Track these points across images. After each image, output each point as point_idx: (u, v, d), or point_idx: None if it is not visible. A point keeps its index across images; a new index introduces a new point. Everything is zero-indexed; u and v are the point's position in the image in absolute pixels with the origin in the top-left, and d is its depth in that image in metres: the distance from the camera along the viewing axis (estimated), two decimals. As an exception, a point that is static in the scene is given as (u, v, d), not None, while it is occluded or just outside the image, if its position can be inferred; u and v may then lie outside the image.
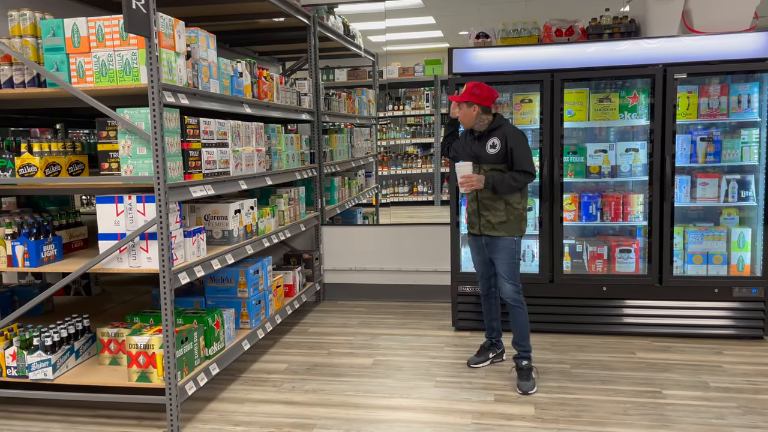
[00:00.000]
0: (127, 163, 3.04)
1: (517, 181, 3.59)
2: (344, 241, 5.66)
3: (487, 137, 3.69)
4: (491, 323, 4.04)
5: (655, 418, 3.21)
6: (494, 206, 3.68)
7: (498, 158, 3.65)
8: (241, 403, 3.52)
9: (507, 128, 3.69)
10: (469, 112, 3.67)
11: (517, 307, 3.69)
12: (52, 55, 3.08)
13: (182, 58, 3.19)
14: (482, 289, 3.98)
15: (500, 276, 3.72)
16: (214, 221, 3.75)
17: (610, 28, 4.57)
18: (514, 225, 3.68)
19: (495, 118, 3.71)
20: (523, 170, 3.60)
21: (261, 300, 4.14)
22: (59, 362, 3.25)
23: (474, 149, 3.75)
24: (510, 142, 3.62)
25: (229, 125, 3.68)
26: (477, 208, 3.77)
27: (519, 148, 3.61)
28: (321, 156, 5.52)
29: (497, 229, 3.68)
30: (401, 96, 8.31)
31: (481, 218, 3.74)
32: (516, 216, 3.68)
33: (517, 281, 3.70)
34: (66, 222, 3.53)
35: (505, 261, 3.69)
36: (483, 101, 3.65)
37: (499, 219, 3.67)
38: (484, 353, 4.03)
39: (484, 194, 3.69)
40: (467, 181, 3.60)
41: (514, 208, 3.68)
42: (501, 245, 3.69)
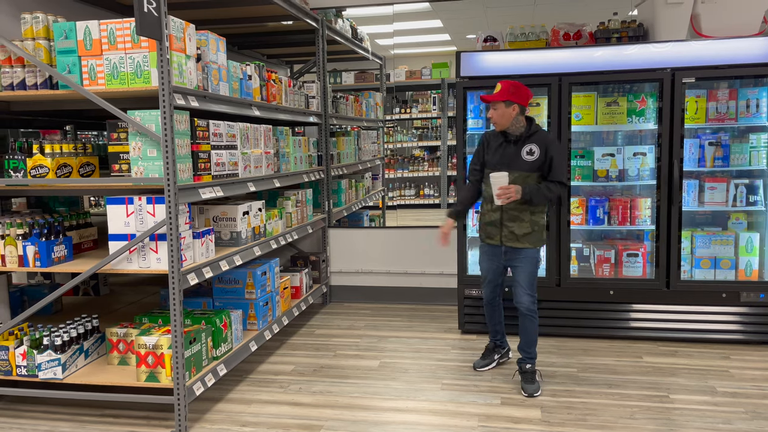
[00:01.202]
0: (137, 164, 3.07)
1: (552, 192, 3.49)
2: (351, 244, 5.67)
3: (524, 143, 3.54)
4: (495, 327, 3.99)
5: (662, 422, 3.20)
6: (520, 217, 3.56)
7: (533, 166, 3.52)
8: (248, 404, 3.54)
9: (546, 135, 3.59)
10: (508, 112, 3.51)
11: (530, 316, 3.61)
12: (64, 58, 3.12)
13: (192, 61, 3.22)
14: (486, 295, 3.88)
15: (518, 285, 3.62)
16: (223, 223, 3.78)
17: (618, 32, 4.58)
18: (538, 236, 3.61)
19: (530, 122, 3.59)
20: (558, 181, 3.51)
21: (268, 301, 4.16)
22: (69, 362, 3.27)
23: (507, 155, 3.58)
24: (551, 150, 3.50)
25: (238, 127, 3.71)
26: (500, 218, 3.62)
27: (558, 158, 3.52)
28: (328, 158, 5.54)
29: (521, 241, 3.57)
30: (408, 99, 8.32)
31: (503, 229, 3.61)
32: (539, 227, 3.61)
33: (534, 292, 3.62)
34: (76, 223, 3.56)
35: (525, 270, 3.60)
36: (522, 101, 3.51)
37: (524, 230, 3.57)
38: (489, 355, 4.01)
39: (511, 204, 3.54)
40: (505, 192, 3.42)
41: (538, 218, 3.60)
42: (524, 254, 3.60)
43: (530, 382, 3.60)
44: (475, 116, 4.71)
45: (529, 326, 3.63)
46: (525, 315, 3.61)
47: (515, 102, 3.49)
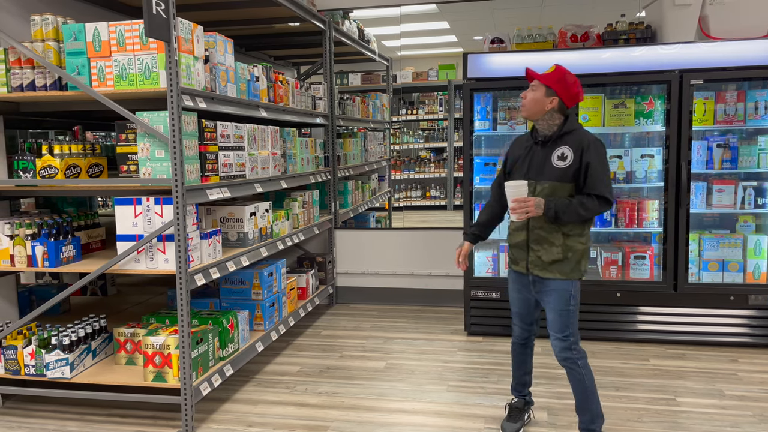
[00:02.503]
0: (145, 165, 3.08)
1: (588, 209, 2.73)
2: (357, 245, 5.68)
3: (555, 144, 2.83)
4: (523, 377, 3.19)
5: (669, 425, 3.19)
6: (549, 239, 2.83)
7: (565, 175, 2.78)
8: (255, 405, 3.54)
9: (584, 136, 2.80)
10: (542, 101, 2.80)
11: (569, 368, 2.85)
12: (73, 59, 3.14)
13: (200, 63, 3.23)
14: (515, 333, 3.15)
15: (549, 326, 2.89)
16: (230, 223, 3.79)
17: (625, 33, 4.56)
18: (572, 265, 2.82)
19: (567, 120, 2.85)
20: (596, 195, 2.74)
21: (275, 302, 4.17)
22: (77, 361, 3.29)
23: (534, 161, 2.88)
24: (587, 154, 2.75)
25: (245, 129, 3.72)
26: (526, 239, 2.90)
27: (597, 165, 2.74)
28: (335, 160, 5.55)
29: (549, 270, 2.83)
30: (415, 100, 8.32)
31: (530, 253, 2.89)
32: (575, 253, 2.82)
33: (570, 335, 2.83)
34: (84, 223, 3.58)
35: (555, 308, 2.84)
36: (567, 98, 2.81)
37: (553, 257, 2.82)
38: (518, 416, 3.15)
39: (538, 222, 2.83)
40: (521, 206, 2.73)
41: (574, 242, 2.82)
42: (553, 287, 2.85)
43: None
44: (482, 118, 4.71)
45: (573, 382, 2.86)
46: (564, 367, 2.88)
47: (558, 95, 2.79)
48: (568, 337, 2.83)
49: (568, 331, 2.83)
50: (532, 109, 2.85)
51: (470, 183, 4.63)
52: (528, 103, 2.86)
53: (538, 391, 3.63)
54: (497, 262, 4.74)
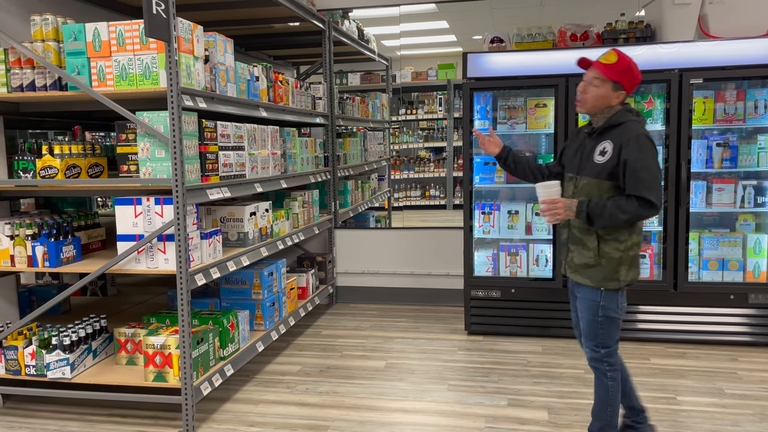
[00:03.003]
0: (145, 165, 3.08)
1: (627, 212, 2.46)
2: (357, 244, 5.68)
3: (601, 137, 2.60)
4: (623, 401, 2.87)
5: (669, 424, 3.19)
6: (583, 241, 2.63)
7: (603, 171, 2.55)
8: (256, 404, 3.54)
9: (628, 129, 2.52)
10: (609, 97, 2.56)
11: (596, 373, 2.73)
12: (73, 59, 3.13)
13: (200, 63, 3.23)
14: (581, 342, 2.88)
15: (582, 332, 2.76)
16: (230, 223, 3.79)
17: (625, 32, 4.57)
18: (604, 272, 2.59)
19: (621, 110, 2.60)
20: (637, 196, 2.47)
21: (275, 302, 4.17)
22: (77, 361, 3.29)
23: (583, 152, 2.68)
24: (626, 150, 2.48)
25: (245, 129, 3.72)
26: (567, 238, 2.75)
27: (637, 162, 2.46)
28: (335, 159, 5.55)
29: (580, 273, 2.66)
30: (414, 100, 8.32)
31: (568, 254, 2.74)
32: (611, 260, 2.58)
33: (598, 345, 2.67)
34: (84, 223, 3.58)
35: (584, 316, 2.69)
36: (631, 88, 2.57)
37: (585, 260, 2.63)
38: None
39: (576, 221, 2.65)
40: (550, 207, 2.56)
41: (610, 248, 2.58)
42: (582, 294, 2.68)
43: None
44: (481, 117, 4.71)
45: (597, 387, 2.75)
46: (591, 368, 2.76)
47: (625, 89, 2.55)
48: (597, 348, 2.66)
49: (597, 341, 2.65)
50: (595, 106, 2.59)
51: (470, 182, 4.63)
52: (590, 99, 2.58)
53: (538, 390, 3.63)
54: (497, 262, 4.74)
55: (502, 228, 4.78)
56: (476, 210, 4.74)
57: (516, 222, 4.74)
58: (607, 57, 2.55)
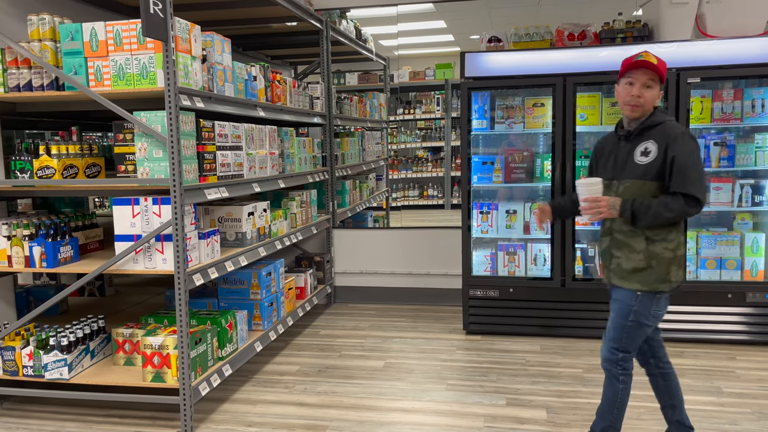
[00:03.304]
0: (143, 165, 3.08)
1: (672, 210, 2.45)
2: (355, 244, 5.68)
3: (639, 139, 2.57)
4: (665, 412, 2.87)
5: (668, 423, 3.19)
6: (629, 244, 2.57)
7: (648, 171, 2.51)
8: (254, 404, 3.54)
9: (671, 128, 2.52)
10: (658, 95, 2.56)
11: (608, 378, 2.71)
12: (70, 59, 3.13)
13: (198, 62, 3.23)
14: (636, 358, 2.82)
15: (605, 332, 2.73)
16: (228, 223, 3.78)
17: (622, 32, 4.57)
18: (658, 273, 2.54)
19: (655, 110, 2.59)
20: (683, 194, 2.45)
21: (273, 302, 4.16)
22: (75, 362, 3.28)
23: (619, 157, 2.63)
24: (673, 147, 2.46)
25: (243, 128, 3.71)
26: (609, 245, 2.68)
27: (685, 159, 2.45)
28: (333, 159, 5.54)
29: (629, 279, 2.57)
30: (412, 100, 8.31)
31: (612, 260, 2.66)
32: (662, 261, 2.54)
33: (617, 349, 2.63)
34: (82, 223, 3.57)
35: (614, 317, 2.65)
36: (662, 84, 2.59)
37: (635, 264, 2.56)
38: None
39: (618, 225, 2.60)
40: (593, 206, 2.51)
41: (659, 249, 2.54)
42: (618, 296, 2.64)
43: None
44: (479, 117, 4.71)
45: (606, 388, 2.73)
46: (603, 368, 2.73)
47: (663, 85, 2.58)
48: (615, 350, 2.63)
49: (619, 344, 2.62)
50: (648, 108, 2.56)
51: (468, 182, 4.63)
52: (649, 101, 2.54)
53: (537, 389, 3.63)
54: (495, 261, 4.74)
55: (500, 227, 4.78)
56: (474, 209, 4.75)
57: (514, 221, 4.74)
58: (649, 58, 2.51)
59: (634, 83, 2.54)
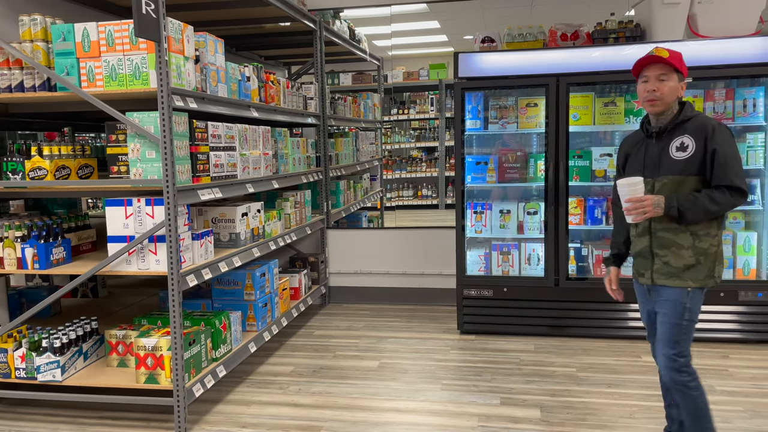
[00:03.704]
0: (136, 166, 3.07)
1: (719, 203, 2.42)
2: (350, 245, 5.67)
3: (671, 135, 2.54)
4: (669, 410, 2.83)
5: (661, 421, 3.20)
6: (676, 241, 2.51)
7: (688, 167, 2.48)
8: (248, 405, 3.53)
9: (707, 121, 2.50)
10: (678, 87, 2.53)
11: (680, 391, 2.53)
12: (62, 60, 3.11)
13: (191, 63, 3.22)
14: (654, 356, 2.78)
15: (657, 341, 2.61)
16: (222, 224, 3.78)
17: (615, 32, 4.59)
18: (706, 270, 2.51)
19: (685, 106, 2.57)
20: (727, 186, 2.42)
21: (267, 303, 4.16)
22: (68, 364, 3.27)
23: (649, 155, 2.60)
24: (712, 141, 2.44)
25: (236, 129, 3.71)
26: (649, 245, 2.60)
27: (727, 152, 2.43)
28: (327, 159, 5.54)
29: (681, 277, 2.52)
30: (406, 100, 8.32)
31: (655, 261, 2.58)
32: (709, 256, 2.51)
33: (678, 354, 2.51)
34: (75, 225, 3.56)
35: (665, 320, 2.55)
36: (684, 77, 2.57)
37: (685, 261, 2.50)
38: None
39: (661, 224, 2.54)
40: (637, 206, 2.45)
41: (706, 244, 2.50)
42: (668, 296, 2.55)
43: None
44: (473, 117, 4.72)
45: (684, 404, 2.55)
46: (671, 386, 2.57)
47: (685, 78, 2.56)
48: (677, 357, 2.50)
49: (678, 349, 2.50)
50: (670, 100, 2.52)
51: (462, 182, 4.64)
52: (667, 95, 2.50)
53: (531, 388, 3.64)
54: (489, 261, 4.75)
55: (494, 227, 4.79)
56: (468, 209, 4.75)
57: (508, 221, 4.75)
58: (659, 52, 2.52)
59: (648, 80, 2.54)
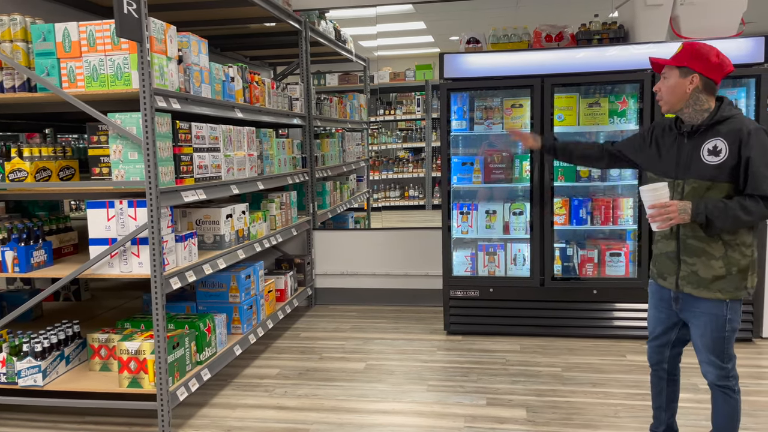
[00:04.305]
0: (118, 167, 3.03)
1: (751, 213, 2.28)
2: (336, 246, 5.66)
3: (705, 135, 2.38)
4: (658, 412, 2.78)
5: (645, 420, 3.23)
6: (706, 250, 2.39)
7: (719, 173, 2.33)
8: (233, 409, 3.51)
9: (743, 123, 2.34)
10: (681, 84, 2.40)
11: (726, 394, 2.48)
12: (42, 60, 3.07)
13: (174, 63, 3.19)
14: (650, 356, 2.73)
15: (698, 350, 2.50)
16: (206, 226, 3.75)
17: (599, 33, 4.62)
18: (736, 282, 2.38)
19: (722, 104, 2.41)
20: (761, 195, 2.28)
21: (253, 305, 4.13)
22: (49, 368, 3.22)
23: (681, 155, 2.44)
24: (746, 147, 2.29)
25: (220, 130, 3.68)
26: (676, 249, 2.47)
27: (760, 159, 2.28)
28: (313, 160, 5.52)
29: (710, 288, 2.39)
30: (392, 101, 8.32)
31: (681, 267, 2.46)
32: (741, 267, 2.38)
33: (724, 360, 2.44)
34: (56, 227, 3.51)
35: (706, 334, 2.43)
36: (709, 71, 2.37)
37: (714, 272, 2.38)
38: None
39: (691, 230, 2.41)
40: (662, 213, 2.33)
41: (740, 253, 2.38)
42: (704, 309, 2.42)
43: None
44: (459, 117, 4.73)
45: (722, 405, 2.50)
46: (716, 389, 2.50)
47: (697, 71, 2.37)
48: (725, 364, 2.44)
49: (725, 357, 2.43)
50: (672, 99, 2.42)
51: (448, 183, 4.64)
52: (665, 94, 2.44)
53: (516, 388, 3.65)
54: (476, 261, 4.76)
55: (480, 228, 4.79)
56: (454, 210, 4.76)
57: (494, 222, 4.76)
58: (676, 50, 2.47)
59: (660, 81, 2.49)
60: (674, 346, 2.67)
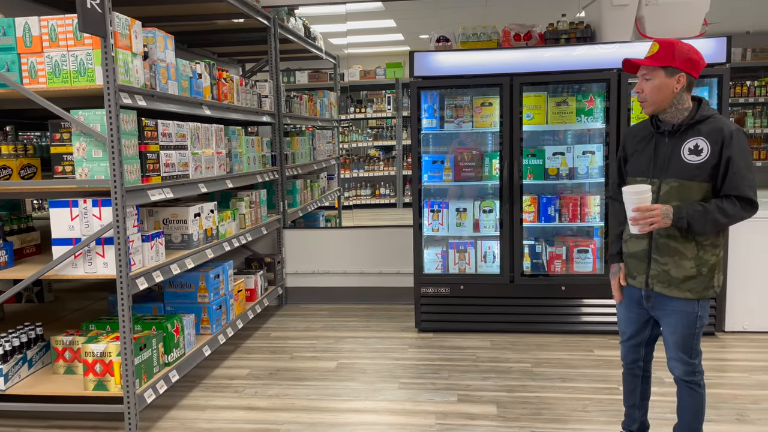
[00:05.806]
0: (81, 166, 2.96)
1: (729, 216, 2.29)
2: (307, 245, 5.63)
3: (685, 134, 2.36)
4: (632, 411, 2.81)
5: (613, 414, 3.29)
6: (679, 250, 2.39)
7: (699, 173, 2.32)
8: (203, 410, 3.46)
9: (724, 124, 2.32)
10: (669, 84, 2.34)
11: (692, 389, 2.52)
12: (2, 55, 2.98)
13: (139, 59, 3.12)
14: (624, 356, 2.76)
15: (668, 347, 2.54)
16: (173, 225, 3.69)
17: (566, 33, 4.68)
18: (705, 282, 2.40)
19: (700, 104, 2.39)
20: (738, 196, 2.29)
21: (222, 305, 4.08)
22: (11, 372, 3.13)
23: (658, 154, 2.42)
24: (728, 148, 2.28)
25: (188, 127, 3.62)
26: (647, 248, 2.47)
27: (740, 160, 2.28)
28: (283, 158, 5.48)
29: (680, 288, 2.41)
30: (363, 99, 8.31)
31: (652, 265, 2.46)
32: (710, 267, 2.40)
33: (692, 356, 2.48)
34: (18, 227, 3.42)
35: (677, 331, 2.46)
36: (692, 69, 2.34)
37: (686, 272, 2.39)
38: None
39: (665, 230, 2.39)
40: (645, 216, 2.30)
41: (709, 255, 2.39)
42: (676, 308, 2.44)
43: None
44: (429, 116, 4.74)
45: (687, 399, 2.55)
46: (682, 383, 2.55)
47: (683, 70, 2.32)
48: (693, 360, 2.48)
49: (693, 353, 2.47)
50: (659, 99, 2.36)
51: (419, 181, 4.65)
52: (650, 95, 2.37)
53: (487, 385, 3.68)
54: (446, 259, 4.78)
55: (450, 225, 4.82)
56: (425, 208, 4.77)
57: (464, 219, 4.79)
58: (649, 50, 2.38)
59: (639, 80, 2.43)
60: (648, 344, 2.69)
